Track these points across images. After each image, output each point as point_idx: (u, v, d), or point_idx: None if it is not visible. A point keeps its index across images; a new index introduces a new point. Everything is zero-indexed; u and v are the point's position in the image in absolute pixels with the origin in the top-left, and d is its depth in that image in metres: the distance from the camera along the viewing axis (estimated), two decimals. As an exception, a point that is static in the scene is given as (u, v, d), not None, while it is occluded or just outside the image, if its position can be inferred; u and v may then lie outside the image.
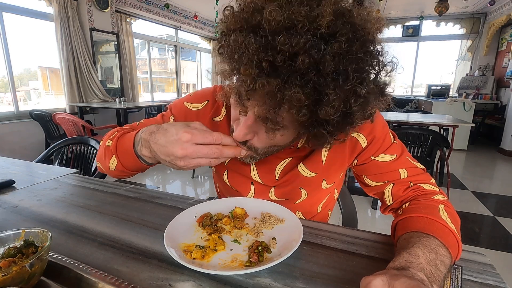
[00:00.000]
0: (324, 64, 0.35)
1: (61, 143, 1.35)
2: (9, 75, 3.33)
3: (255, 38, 0.37)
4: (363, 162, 0.62)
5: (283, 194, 0.67)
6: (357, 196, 2.67)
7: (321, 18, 0.35)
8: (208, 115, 0.66)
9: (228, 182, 0.70)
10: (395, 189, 0.59)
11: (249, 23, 0.38)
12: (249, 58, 0.37)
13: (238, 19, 0.39)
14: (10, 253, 0.41)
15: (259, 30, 0.37)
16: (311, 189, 0.66)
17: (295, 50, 0.35)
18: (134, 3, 4.62)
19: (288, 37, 0.35)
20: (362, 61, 0.37)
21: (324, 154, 0.62)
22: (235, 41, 0.38)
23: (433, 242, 0.42)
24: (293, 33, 0.35)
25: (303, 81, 0.36)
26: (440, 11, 4.15)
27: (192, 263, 0.42)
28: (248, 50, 0.37)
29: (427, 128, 2.50)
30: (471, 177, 3.32)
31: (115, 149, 0.57)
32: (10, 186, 0.80)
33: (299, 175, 0.64)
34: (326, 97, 0.36)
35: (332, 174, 0.65)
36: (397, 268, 0.36)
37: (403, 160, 0.60)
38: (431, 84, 5.99)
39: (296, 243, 0.46)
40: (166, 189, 2.99)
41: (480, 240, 2.01)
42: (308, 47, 0.34)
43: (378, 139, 0.60)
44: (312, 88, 0.36)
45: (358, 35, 0.37)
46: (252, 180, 0.67)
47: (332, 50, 0.35)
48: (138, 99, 4.94)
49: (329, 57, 0.35)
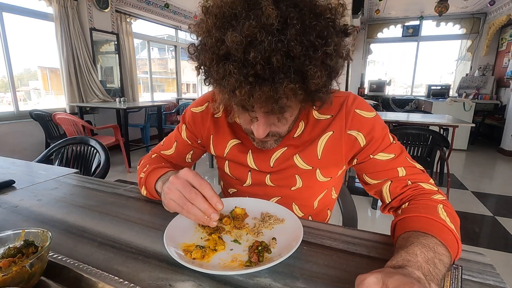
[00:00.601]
0: (293, 51, 0.40)
1: (61, 143, 1.35)
2: (9, 75, 3.33)
3: (232, 64, 0.41)
4: (362, 161, 0.64)
5: (278, 180, 0.70)
6: (357, 196, 2.68)
7: (269, 18, 0.39)
8: (209, 113, 0.73)
9: (229, 172, 0.75)
10: (393, 186, 0.60)
11: (219, 54, 0.43)
12: (237, 80, 0.42)
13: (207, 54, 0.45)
14: (10, 253, 0.41)
15: (230, 57, 0.42)
16: (305, 176, 0.68)
17: (266, 55, 0.39)
18: (134, 3, 4.62)
19: (255, 49, 0.39)
20: (318, 25, 0.42)
21: (319, 148, 0.65)
22: (217, 73, 0.44)
23: (432, 241, 0.42)
24: (256, 43, 0.40)
25: (285, 71, 0.41)
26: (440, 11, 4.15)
27: (192, 263, 0.42)
28: (232, 76, 0.42)
29: (427, 128, 2.50)
30: (471, 177, 3.32)
31: (145, 182, 0.67)
32: (10, 186, 0.80)
33: (294, 165, 0.67)
34: (307, 72, 0.41)
35: (327, 168, 0.67)
36: (395, 267, 0.36)
37: (402, 159, 0.61)
38: (431, 84, 6.00)
39: (296, 243, 0.46)
40: (166, 189, 2.99)
41: (480, 240, 2.01)
42: (274, 47, 0.39)
43: (377, 138, 0.61)
44: (294, 71, 0.41)
45: (302, 9, 0.41)
46: (250, 168, 0.71)
47: (292, 35, 0.40)
48: (138, 99, 4.94)
49: (293, 42, 0.40)
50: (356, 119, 0.62)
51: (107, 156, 1.27)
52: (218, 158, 0.77)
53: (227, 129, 0.71)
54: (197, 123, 0.74)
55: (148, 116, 4.62)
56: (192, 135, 0.76)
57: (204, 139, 0.75)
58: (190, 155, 0.80)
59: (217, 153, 0.74)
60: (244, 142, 0.70)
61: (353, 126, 0.62)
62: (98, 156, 1.31)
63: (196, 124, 0.74)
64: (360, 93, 6.47)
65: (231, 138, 0.71)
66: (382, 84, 6.51)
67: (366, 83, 6.72)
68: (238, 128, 0.71)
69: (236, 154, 0.71)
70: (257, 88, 0.42)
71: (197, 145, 0.78)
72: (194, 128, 0.75)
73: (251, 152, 0.69)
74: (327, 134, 0.63)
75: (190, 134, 0.76)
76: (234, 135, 0.71)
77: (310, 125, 0.65)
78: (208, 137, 0.74)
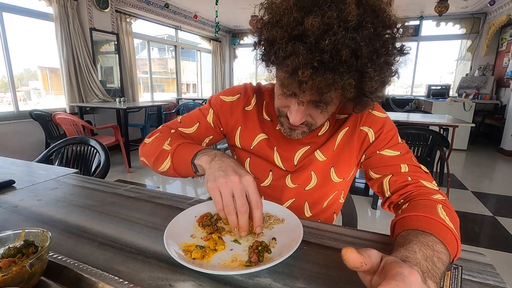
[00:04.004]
0: (361, 50, 0.43)
1: (61, 143, 1.35)
2: (9, 75, 3.33)
3: (303, 46, 0.44)
4: (369, 156, 0.67)
5: (296, 179, 0.72)
6: (357, 196, 2.68)
7: (349, 15, 0.42)
8: (240, 105, 0.76)
9: (249, 168, 0.76)
10: (393, 179, 0.62)
11: (293, 34, 0.45)
12: (304, 63, 0.44)
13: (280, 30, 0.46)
14: (10, 253, 0.41)
15: (304, 38, 0.44)
16: (320, 175, 0.71)
17: (337, 47, 0.42)
18: (134, 3, 4.61)
19: (329, 38, 0.42)
20: (386, 35, 0.46)
21: (336, 142, 0.69)
22: (285, 52, 0.46)
23: (431, 239, 0.42)
24: (331, 34, 0.42)
25: (348, 67, 0.44)
26: (440, 11, 4.15)
27: (192, 263, 0.42)
28: (300, 56, 0.44)
29: (427, 128, 2.50)
30: (471, 177, 3.32)
31: (173, 154, 0.63)
32: (10, 186, 0.80)
33: (313, 160, 0.70)
34: (367, 74, 0.45)
35: (340, 163, 0.70)
36: None
37: (407, 157, 0.64)
38: (431, 84, 5.99)
39: (296, 243, 0.46)
40: (166, 189, 2.99)
41: (480, 240, 2.01)
42: (346, 42, 0.42)
43: (386, 136, 0.66)
44: (356, 71, 0.45)
45: (378, 16, 0.45)
46: (272, 167, 0.74)
47: (364, 37, 0.43)
48: (138, 99, 4.94)
49: (363, 43, 0.43)
50: (369, 117, 0.67)
51: (107, 156, 1.27)
52: (242, 151, 0.77)
53: (257, 123, 0.74)
54: (225, 111, 0.76)
55: (148, 116, 4.62)
56: (218, 121, 0.77)
57: (229, 129, 0.77)
58: (209, 139, 0.79)
59: (243, 144, 0.75)
60: (271, 138, 0.73)
61: (365, 122, 0.67)
62: (98, 156, 1.31)
63: (223, 112, 0.76)
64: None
65: (260, 132, 0.74)
66: (382, 84, 6.50)
67: (366, 83, 6.71)
68: (266, 124, 0.74)
69: (264, 148, 0.73)
70: (320, 73, 0.44)
71: (219, 131, 0.79)
72: (220, 115, 0.77)
73: (277, 148, 0.72)
74: (344, 129, 0.69)
75: (216, 119, 0.77)
76: (262, 130, 0.74)
77: (332, 124, 0.70)
78: (235, 128, 0.76)
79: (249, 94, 0.76)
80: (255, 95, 0.76)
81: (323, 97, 0.49)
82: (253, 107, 0.75)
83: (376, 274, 0.33)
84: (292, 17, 0.45)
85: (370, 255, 0.32)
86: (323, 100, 0.50)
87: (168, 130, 0.76)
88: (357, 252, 0.32)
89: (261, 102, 0.76)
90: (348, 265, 0.32)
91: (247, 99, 0.76)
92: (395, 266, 0.30)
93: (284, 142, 0.72)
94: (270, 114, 0.74)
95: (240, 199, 0.49)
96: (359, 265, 0.32)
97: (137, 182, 3.11)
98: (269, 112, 0.74)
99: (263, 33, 0.50)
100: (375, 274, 0.33)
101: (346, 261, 0.32)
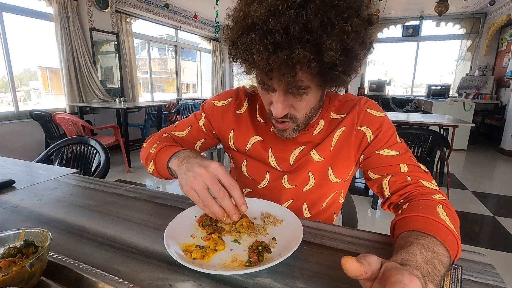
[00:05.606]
0: (311, 23, 0.43)
1: (61, 143, 1.35)
2: (9, 75, 3.33)
3: (254, 33, 0.46)
4: (368, 156, 0.67)
5: (294, 180, 0.71)
6: (357, 196, 2.68)
7: None
8: (232, 109, 0.77)
9: (246, 171, 0.76)
10: (393, 179, 0.61)
11: (245, 27, 0.48)
12: (257, 49, 0.46)
13: (236, 29, 0.50)
14: (10, 253, 0.41)
15: (254, 27, 0.46)
16: (318, 175, 0.70)
17: (285, 25, 0.44)
18: (134, 3, 4.61)
19: (275, 19, 0.44)
20: (340, 6, 0.45)
21: (333, 141, 0.69)
22: (242, 44, 0.48)
23: (431, 241, 0.42)
24: (277, 14, 0.44)
25: (301, 42, 0.44)
26: (440, 11, 4.14)
27: (192, 263, 0.42)
28: (253, 44, 0.46)
29: (427, 128, 2.50)
30: (471, 177, 3.32)
31: (155, 157, 0.66)
32: (10, 186, 0.80)
33: (310, 160, 0.70)
34: (323, 45, 0.44)
35: (338, 164, 0.70)
36: None
37: (406, 157, 0.63)
38: (431, 84, 5.99)
39: (296, 243, 0.46)
40: (166, 189, 3.00)
41: (480, 240, 2.01)
42: (293, 18, 0.43)
43: (384, 136, 0.65)
44: (310, 43, 0.44)
45: None
46: (268, 168, 0.74)
47: (311, 10, 0.43)
48: (138, 99, 4.94)
49: (312, 16, 0.43)
50: (367, 117, 0.67)
51: (107, 156, 1.27)
52: (237, 154, 0.78)
53: (250, 126, 0.74)
54: (216, 116, 0.77)
55: (148, 116, 4.62)
56: (209, 125, 0.78)
57: (222, 133, 0.78)
58: (201, 142, 0.80)
59: (237, 147, 0.76)
60: (266, 140, 0.73)
61: (363, 122, 0.67)
62: (98, 156, 1.31)
63: (214, 117, 0.77)
64: (360, 93, 6.47)
65: (254, 134, 0.74)
66: (382, 84, 6.51)
67: (366, 83, 6.72)
68: (260, 126, 0.75)
69: (258, 150, 0.73)
70: (273, 54, 0.45)
71: (211, 135, 0.80)
72: (211, 120, 0.78)
73: (272, 150, 0.72)
74: (341, 129, 0.68)
75: (207, 123, 0.78)
76: (256, 132, 0.74)
77: (327, 123, 0.70)
78: (227, 132, 0.76)
79: (241, 97, 0.77)
80: (248, 98, 0.77)
81: (293, 81, 0.49)
82: (245, 110, 0.76)
83: (376, 281, 0.32)
84: (242, 12, 0.48)
85: (370, 262, 0.32)
86: (294, 85, 0.50)
87: (161, 134, 0.79)
88: (357, 261, 0.31)
89: (254, 104, 0.76)
90: (348, 274, 0.32)
91: (238, 102, 0.77)
92: (395, 273, 0.30)
93: (279, 143, 0.72)
94: (263, 116, 0.74)
95: (214, 186, 0.50)
96: (359, 274, 0.31)
97: (137, 182, 3.11)
98: (263, 114, 0.75)
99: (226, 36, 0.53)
100: (375, 281, 0.32)
101: (346, 270, 0.31)
